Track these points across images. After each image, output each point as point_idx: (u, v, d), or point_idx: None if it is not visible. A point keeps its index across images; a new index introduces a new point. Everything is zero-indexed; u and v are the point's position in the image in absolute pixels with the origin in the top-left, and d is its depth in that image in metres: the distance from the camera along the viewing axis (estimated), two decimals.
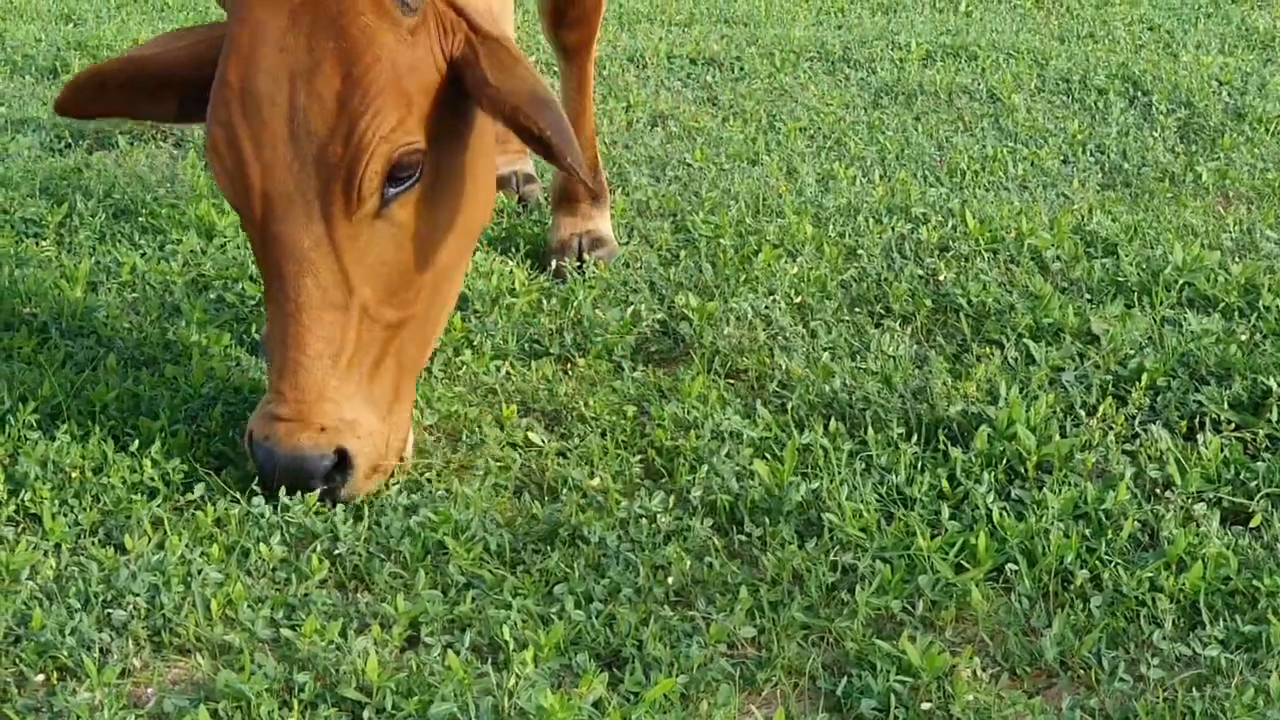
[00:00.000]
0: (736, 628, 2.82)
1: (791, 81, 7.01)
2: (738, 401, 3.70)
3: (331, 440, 3.22)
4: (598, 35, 4.74)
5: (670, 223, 4.98)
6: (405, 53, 3.24)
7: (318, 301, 3.23)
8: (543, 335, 4.13)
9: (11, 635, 2.85)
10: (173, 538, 3.13)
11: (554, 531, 3.18)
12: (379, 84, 3.20)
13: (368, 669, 2.68)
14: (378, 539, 3.17)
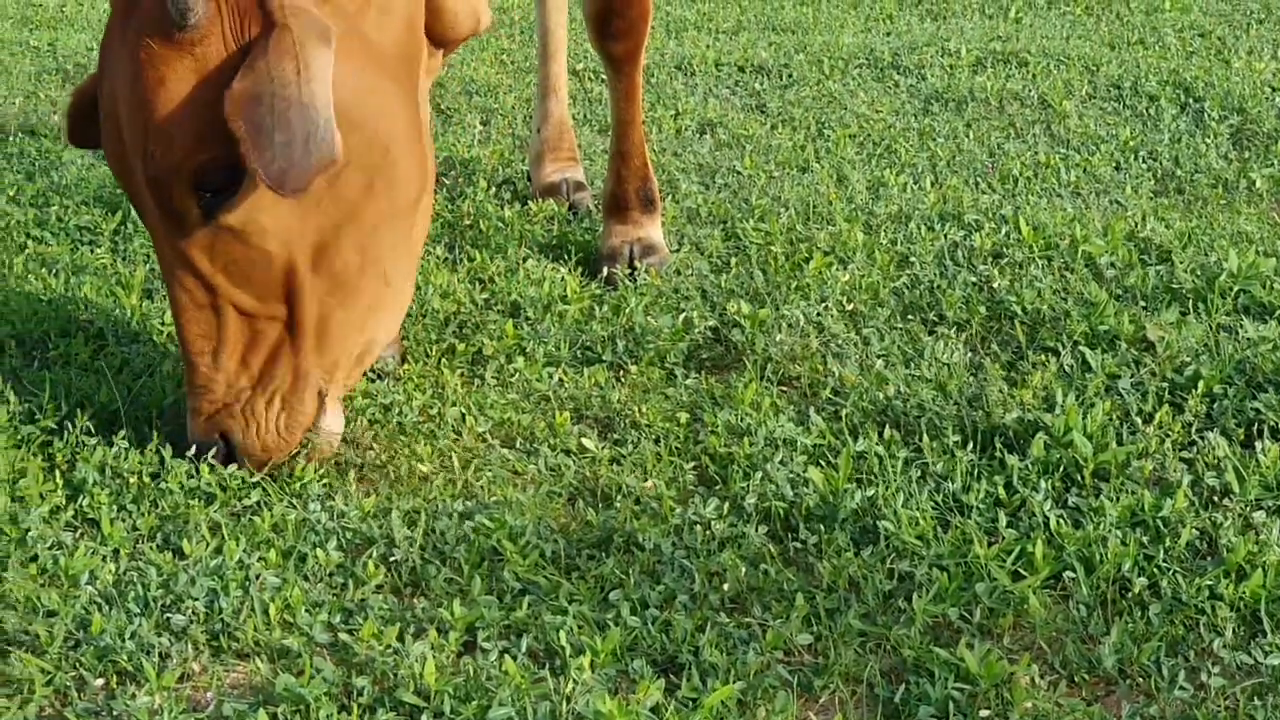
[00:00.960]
0: (793, 634, 2.81)
1: (840, 88, 7.00)
2: (791, 409, 3.70)
3: (215, 427, 3.41)
4: (645, 45, 4.72)
5: (720, 230, 4.98)
6: (190, 66, 3.20)
7: (188, 303, 3.35)
8: (595, 342, 4.13)
9: (71, 640, 2.87)
10: (230, 543, 3.14)
11: (608, 538, 3.18)
12: (163, 107, 3.19)
13: (425, 673, 2.68)
14: (433, 545, 3.17)
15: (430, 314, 4.32)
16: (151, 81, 3.19)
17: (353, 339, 3.52)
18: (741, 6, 9.28)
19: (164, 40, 3.18)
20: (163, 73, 3.19)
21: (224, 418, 3.40)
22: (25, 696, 2.71)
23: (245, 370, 3.39)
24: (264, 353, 3.40)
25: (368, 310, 3.53)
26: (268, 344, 3.40)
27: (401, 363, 4.07)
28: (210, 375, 3.37)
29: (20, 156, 6.28)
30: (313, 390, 3.46)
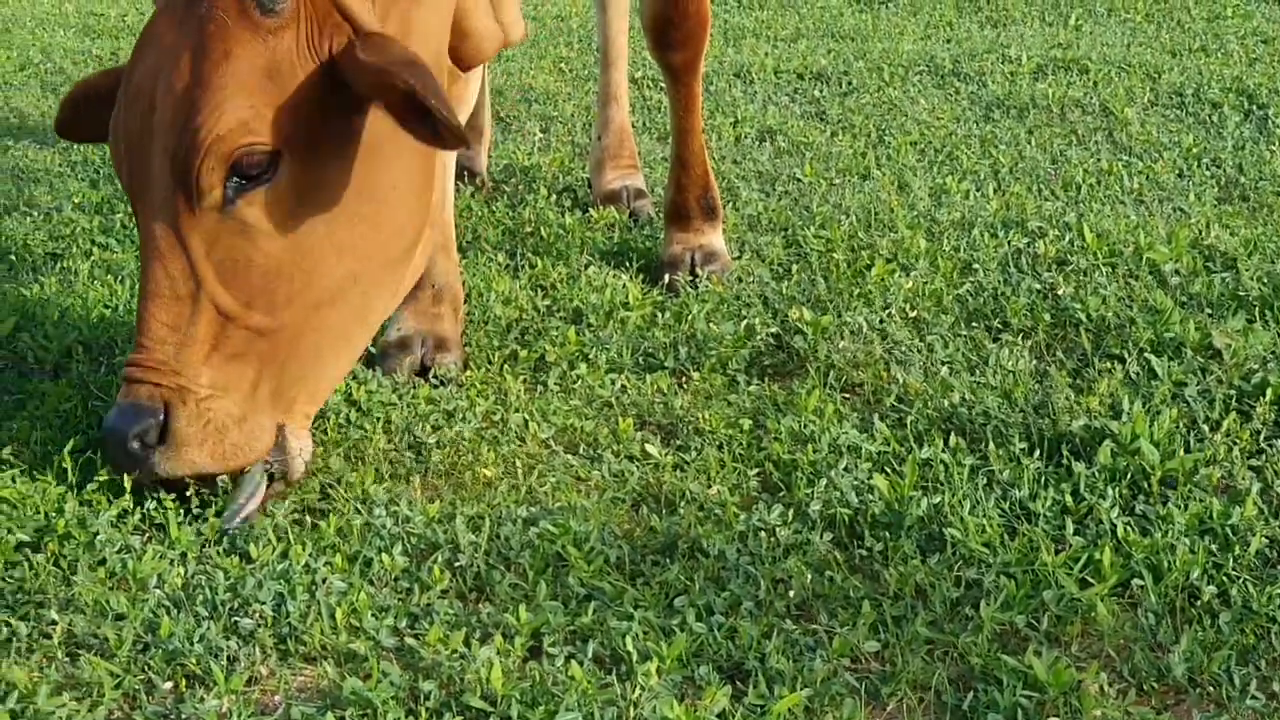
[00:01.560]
0: (860, 642, 2.80)
1: (901, 95, 6.99)
2: (854, 415, 3.69)
3: (161, 397, 3.25)
4: (704, 54, 4.71)
5: (781, 237, 4.98)
6: (261, 53, 3.24)
7: (165, 289, 3.28)
8: (657, 349, 4.13)
9: (140, 643, 2.88)
10: (296, 547, 3.16)
11: (673, 544, 3.17)
12: (223, 80, 3.21)
13: (492, 678, 2.69)
14: (498, 550, 3.18)
15: (492, 320, 4.33)
16: (217, 54, 3.20)
17: (319, 368, 3.46)
18: (800, 14, 9.27)
19: (241, 19, 3.22)
20: (231, 48, 3.21)
21: (173, 395, 3.24)
22: (95, 699, 2.73)
23: (208, 369, 3.28)
24: (231, 360, 3.30)
25: (339, 343, 3.49)
26: (237, 352, 3.31)
27: (464, 369, 4.08)
28: (167, 361, 3.25)
29: (84, 164, 6.33)
30: (271, 422, 3.37)
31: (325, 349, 3.44)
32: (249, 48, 3.23)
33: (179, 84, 3.23)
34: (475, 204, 5.48)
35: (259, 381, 3.34)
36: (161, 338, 3.27)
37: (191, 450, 3.27)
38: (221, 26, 3.21)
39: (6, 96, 7.85)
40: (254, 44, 3.23)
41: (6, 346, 4.18)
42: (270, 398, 3.36)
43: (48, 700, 2.67)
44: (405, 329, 4.18)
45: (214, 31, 3.22)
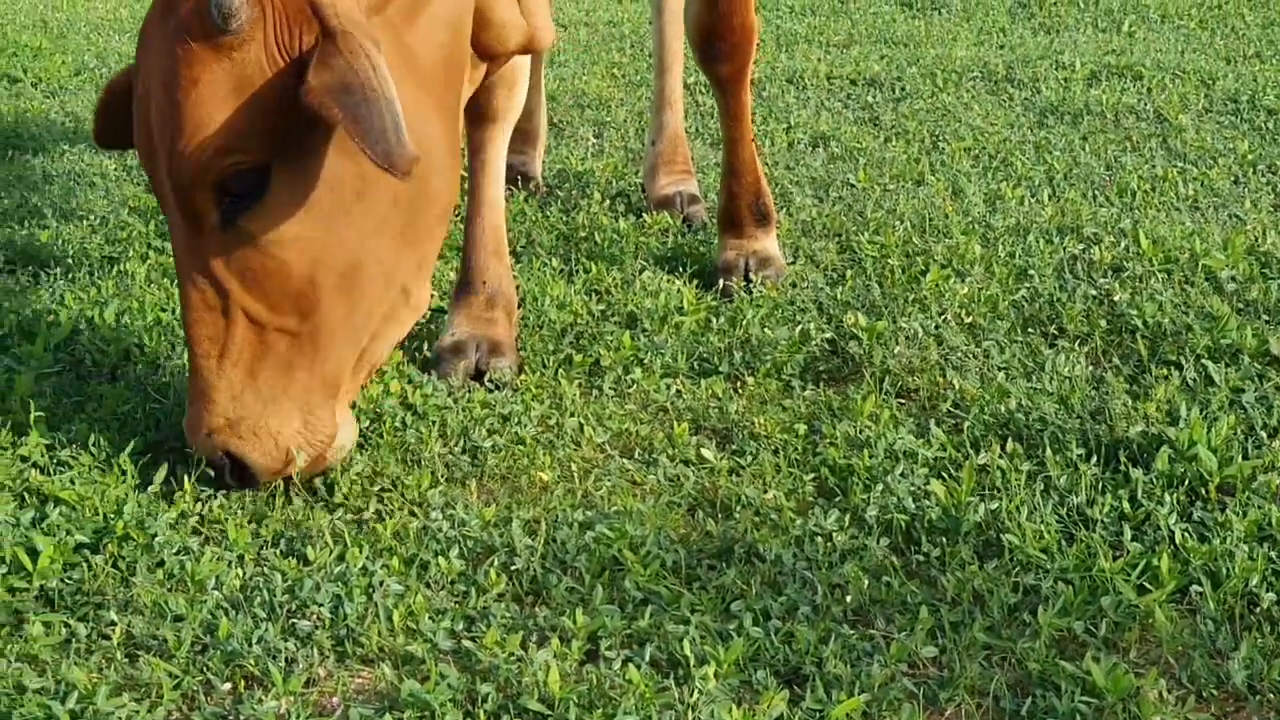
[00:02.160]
0: (918, 647, 2.79)
1: (954, 101, 6.98)
2: (910, 421, 3.68)
3: (219, 444, 3.32)
4: (751, 64, 4.70)
5: (835, 243, 4.97)
6: (227, 70, 3.19)
7: (198, 304, 3.31)
8: (712, 354, 4.13)
9: (199, 644, 2.90)
10: (353, 549, 3.17)
11: (729, 548, 3.17)
12: (194, 108, 3.18)
13: (549, 681, 2.69)
14: (554, 554, 3.18)
15: (547, 325, 4.34)
16: (185, 81, 3.18)
17: (362, 349, 3.50)
18: (852, 20, 9.27)
19: (203, 41, 3.17)
20: (198, 73, 3.17)
21: (229, 436, 3.32)
22: (154, 700, 2.74)
23: (252, 382, 3.33)
24: (272, 365, 3.34)
25: (380, 322, 3.51)
26: (276, 356, 3.34)
27: (518, 373, 4.09)
28: (213, 382, 3.31)
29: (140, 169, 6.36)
30: (329, 406, 3.42)
31: (364, 330, 3.46)
32: (213, 69, 3.18)
33: (157, 113, 3.24)
34: (529, 209, 5.49)
35: (307, 380, 3.38)
36: (206, 351, 3.32)
37: (275, 465, 3.36)
38: (186, 50, 3.18)
39: (62, 101, 7.90)
40: (218, 64, 3.18)
41: (65, 350, 4.21)
42: (321, 389, 3.40)
43: (107, 701, 2.68)
44: (459, 333, 4.19)
45: (181, 56, 3.18)
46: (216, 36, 3.16)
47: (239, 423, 3.31)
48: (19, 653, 2.86)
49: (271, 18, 3.21)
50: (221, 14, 3.13)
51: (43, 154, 6.67)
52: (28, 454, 3.52)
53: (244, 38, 3.18)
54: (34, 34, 10.06)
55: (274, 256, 3.30)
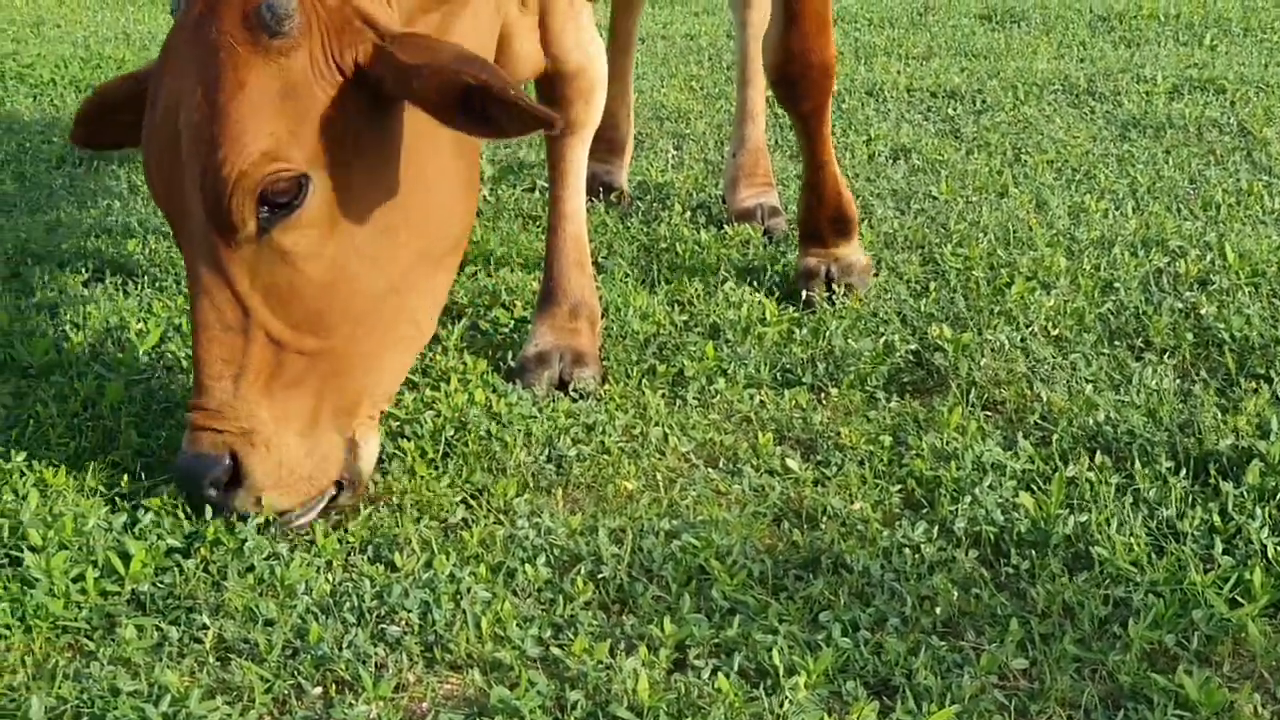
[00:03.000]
0: (1008, 659, 2.78)
1: (1036, 114, 6.95)
2: (997, 433, 3.66)
3: (226, 444, 3.22)
4: (831, 99, 4.66)
5: (918, 255, 4.96)
6: (274, 75, 3.15)
7: (214, 321, 3.23)
8: (795, 364, 4.13)
9: (289, 648, 2.91)
10: (440, 557, 3.18)
11: (816, 559, 3.17)
12: (239, 112, 3.12)
13: (638, 689, 2.69)
14: (640, 563, 3.18)
15: (630, 335, 4.34)
16: (231, 84, 3.12)
17: (377, 377, 3.45)
18: (931, 32, 9.24)
19: (251, 44, 3.13)
20: (244, 76, 3.13)
21: (243, 443, 3.23)
22: (246, 704, 2.75)
23: (267, 404, 3.25)
24: (288, 390, 3.28)
25: (394, 350, 3.48)
26: (292, 381, 3.28)
27: (603, 383, 4.10)
28: (228, 401, 3.22)
29: None
30: (338, 440, 3.37)
31: (381, 356, 3.43)
32: (261, 73, 3.14)
33: (198, 116, 3.15)
34: (610, 220, 5.50)
35: (320, 404, 3.32)
36: (218, 373, 3.23)
37: (269, 492, 3.27)
38: (231, 53, 3.13)
39: None
40: (266, 68, 3.15)
41: (154, 357, 4.24)
42: (334, 417, 3.36)
43: (200, 704, 2.70)
44: (542, 344, 4.21)
45: (225, 59, 3.13)
46: (266, 40, 3.13)
47: (251, 433, 3.23)
48: (112, 656, 2.88)
49: (317, 28, 3.19)
50: (275, 16, 3.12)
51: (128, 165, 6.73)
52: (119, 459, 3.56)
53: (293, 43, 3.15)
54: (116, 46, 10.16)
55: (302, 271, 3.25)
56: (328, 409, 3.34)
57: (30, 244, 5.48)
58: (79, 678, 2.82)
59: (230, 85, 3.12)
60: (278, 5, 3.12)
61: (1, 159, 7.07)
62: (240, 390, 3.23)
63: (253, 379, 3.23)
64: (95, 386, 3.98)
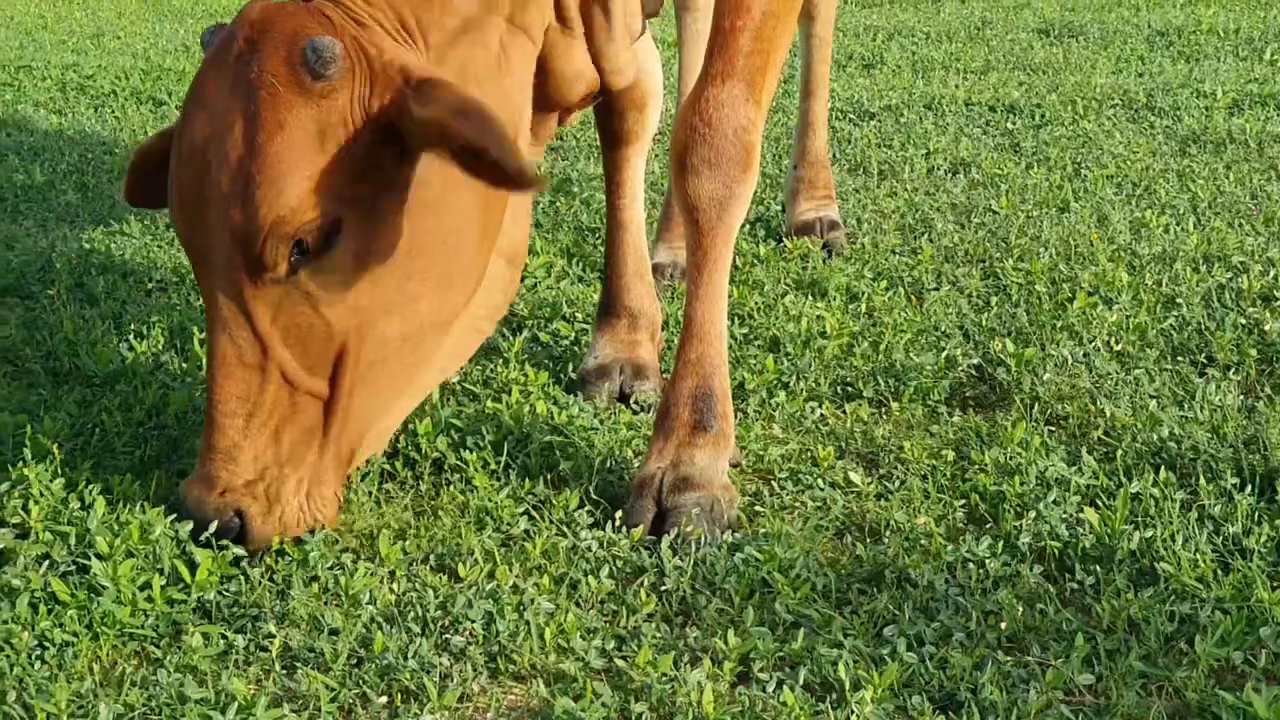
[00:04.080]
0: (1074, 674, 2.76)
1: (1095, 128, 6.93)
2: (1061, 448, 3.65)
3: (231, 505, 3.19)
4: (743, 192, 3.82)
5: (979, 269, 4.95)
6: (314, 118, 3.10)
7: (232, 359, 3.19)
8: (855, 378, 4.12)
9: (354, 657, 2.92)
10: (503, 567, 3.19)
11: (880, 573, 3.16)
12: (279, 154, 3.08)
13: (704, 702, 2.69)
14: (703, 575, 3.18)
15: None
16: (271, 125, 3.08)
17: (385, 424, 3.45)
18: (989, 46, 9.22)
19: (293, 85, 3.09)
20: (284, 117, 3.08)
21: (243, 496, 3.21)
22: (312, 712, 2.77)
23: (275, 446, 3.23)
24: (297, 432, 3.24)
25: (408, 395, 3.46)
26: (302, 423, 3.25)
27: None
28: (238, 442, 3.19)
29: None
30: (339, 483, 3.35)
31: (387, 403, 3.39)
32: (302, 115, 3.10)
33: (234, 154, 3.10)
34: None
35: (324, 449, 3.29)
36: (232, 410, 3.19)
37: (271, 538, 3.26)
38: (273, 93, 3.09)
39: None
40: (306, 110, 3.10)
41: None
42: (334, 462, 3.32)
43: (266, 712, 2.72)
44: (603, 356, 4.22)
45: (265, 99, 3.09)
46: (307, 82, 3.08)
47: (255, 484, 3.22)
48: (179, 663, 2.90)
49: (358, 74, 3.14)
50: (320, 59, 3.07)
51: None
52: (184, 468, 3.58)
53: (334, 87, 3.10)
54: (176, 58, 10.23)
55: (323, 315, 3.20)
56: (330, 454, 3.30)
57: (93, 254, 5.52)
58: (146, 685, 2.84)
59: (270, 125, 3.08)
60: (324, 48, 3.07)
61: (64, 170, 7.14)
62: (251, 430, 3.20)
63: (265, 419, 3.21)
64: (159, 395, 4.01)
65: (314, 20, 3.16)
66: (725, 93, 3.48)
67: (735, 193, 3.51)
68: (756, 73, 3.50)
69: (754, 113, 3.51)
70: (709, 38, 3.54)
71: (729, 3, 3.50)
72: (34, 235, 5.95)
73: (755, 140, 3.52)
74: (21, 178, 6.85)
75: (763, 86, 3.52)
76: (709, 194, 3.51)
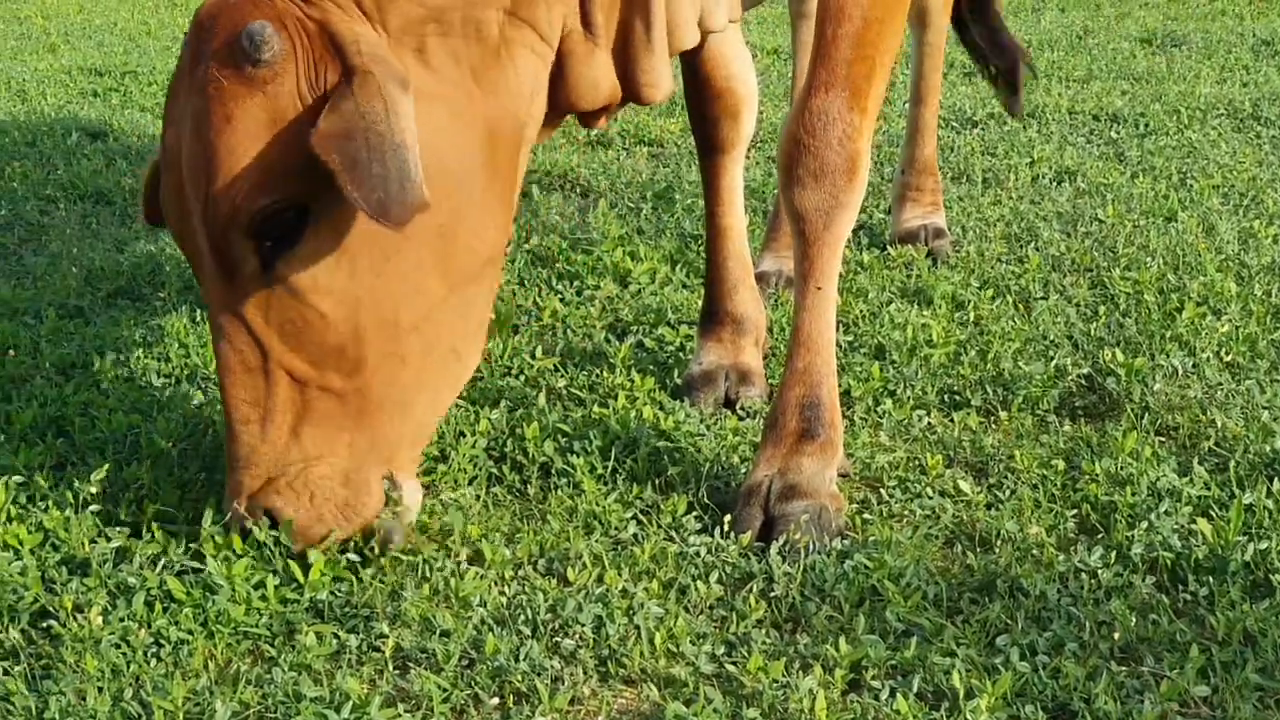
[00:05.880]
0: (1189, 686, 2.74)
1: (1200, 138, 6.86)
2: (1172, 459, 3.61)
3: (258, 505, 3.17)
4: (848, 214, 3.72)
5: (1087, 278, 4.92)
6: (261, 105, 3.04)
7: (236, 364, 3.16)
8: (963, 386, 4.10)
9: (466, 658, 2.94)
10: (611, 572, 3.20)
11: (991, 583, 3.14)
12: (228, 146, 3.03)
13: (816, 708, 2.69)
14: (812, 582, 3.18)
15: None
16: (218, 119, 3.04)
17: (415, 414, 3.32)
18: (1091, 55, 9.16)
19: (235, 76, 3.04)
20: (231, 109, 3.04)
21: (270, 494, 3.18)
22: (425, 712, 2.79)
23: (296, 443, 3.17)
24: (318, 426, 3.19)
25: (430, 383, 3.32)
26: (322, 417, 3.19)
27: (768, 401, 4.10)
28: (254, 446, 3.16)
29: None
30: (376, 474, 3.25)
31: (416, 391, 3.28)
32: (247, 105, 3.04)
33: (195, 156, 3.08)
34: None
35: (353, 440, 3.21)
36: (245, 416, 3.16)
37: (312, 526, 3.20)
38: (219, 89, 3.04)
39: None
40: (252, 99, 3.04)
41: None
42: (369, 451, 3.24)
43: (380, 711, 2.74)
44: (708, 362, 4.22)
45: (213, 95, 3.05)
46: (248, 70, 3.03)
47: (277, 478, 3.18)
48: (293, 662, 2.93)
49: (301, 53, 3.07)
50: (254, 43, 3.01)
51: None
52: None
53: (276, 70, 3.04)
54: None
55: (312, 306, 3.13)
56: (361, 444, 3.23)
57: None
58: (261, 683, 2.87)
59: (218, 120, 3.05)
60: (255, 33, 3.01)
61: None
62: (267, 433, 3.16)
63: (279, 420, 3.17)
64: None
65: (254, 7, 3.09)
66: (828, 102, 3.47)
67: (842, 202, 3.50)
68: (861, 80, 3.48)
69: (859, 121, 3.49)
70: (812, 46, 3.54)
71: (830, 10, 3.48)
72: (143, 238, 6.02)
73: (861, 149, 3.51)
74: (130, 182, 6.92)
75: (868, 93, 3.50)
76: (815, 204, 3.50)
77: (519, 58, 3.33)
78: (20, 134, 7.96)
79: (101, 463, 3.64)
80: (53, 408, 4.10)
